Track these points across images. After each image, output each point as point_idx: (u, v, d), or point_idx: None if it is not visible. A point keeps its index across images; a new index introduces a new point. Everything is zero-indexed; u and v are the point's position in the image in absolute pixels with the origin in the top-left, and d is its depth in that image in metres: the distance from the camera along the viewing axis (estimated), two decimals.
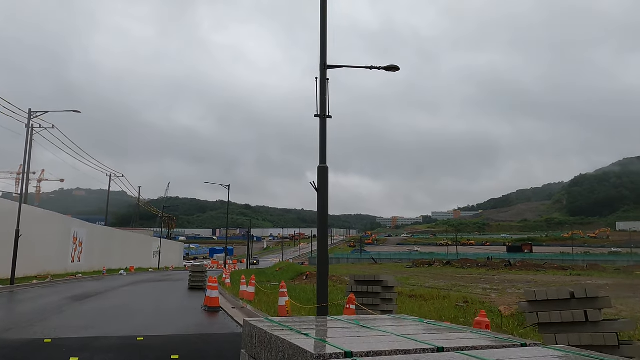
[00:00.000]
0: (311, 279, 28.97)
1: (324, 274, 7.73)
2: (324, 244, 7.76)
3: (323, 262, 7.73)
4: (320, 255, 7.73)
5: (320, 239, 7.75)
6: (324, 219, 7.82)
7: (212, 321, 11.32)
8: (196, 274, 23.51)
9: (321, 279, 7.73)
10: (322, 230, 7.79)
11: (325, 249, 7.80)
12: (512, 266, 39.80)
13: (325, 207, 7.89)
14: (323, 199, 7.83)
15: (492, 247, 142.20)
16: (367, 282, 9.71)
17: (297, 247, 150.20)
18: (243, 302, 14.64)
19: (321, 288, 7.68)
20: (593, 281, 23.26)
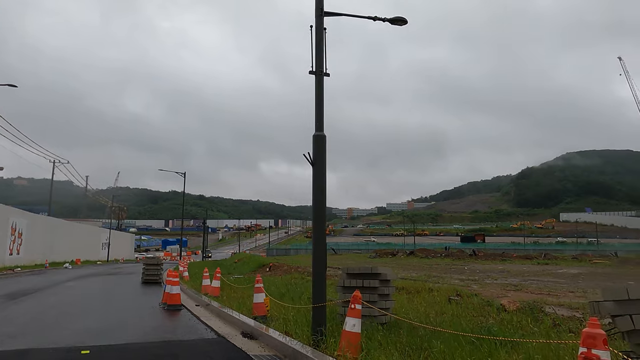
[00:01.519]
0: (275, 271, 27.41)
1: (320, 268, 6.25)
2: (320, 230, 6.27)
3: (319, 253, 6.25)
4: (317, 244, 6.25)
5: (317, 224, 6.26)
6: (320, 200, 6.32)
7: (175, 323, 9.61)
8: (151, 267, 21.45)
9: (318, 275, 6.25)
10: (319, 215, 6.30)
11: (323, 237, 6.32)
12: (476, 256, 39.84)
13: (322, 185, 6.39)
14: (320, 174, 6.33)
15: (446, 237, 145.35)
16: (363, 275, 8.32)
17: (253, 238, 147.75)
18: (207, 298, 12.94)
19: (318, 285, 6.22)
20: (564, 270, 23.08)
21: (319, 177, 6.47)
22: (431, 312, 9.58)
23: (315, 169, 6.46)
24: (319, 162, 6.46)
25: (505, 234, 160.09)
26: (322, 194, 6.45)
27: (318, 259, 6.41)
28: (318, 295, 6.33)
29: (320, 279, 6.41)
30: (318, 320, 6.29)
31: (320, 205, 6.44)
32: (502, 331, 6.44)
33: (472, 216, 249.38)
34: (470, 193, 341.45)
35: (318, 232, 6.45)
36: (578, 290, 14.55)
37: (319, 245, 6.42)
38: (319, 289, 6.36)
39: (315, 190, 6.47)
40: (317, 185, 6.46)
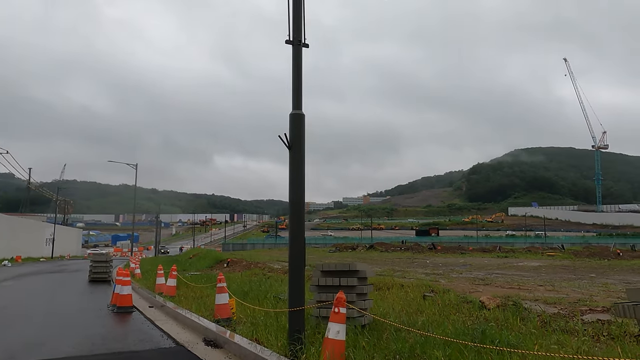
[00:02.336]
0: (233, 267, 26.32)
1: (298, 264, 5.44)
2: (298, 223, 5.45)
3: (297, 247, 5.44)
4: (295, 236, 5.43)
5: (295, 216, 5.44)
6: (299, 188, 5.48)
7: (126, 329, 8.52)
8: (99, 264, 19.91)
9: (295, 275, 5.42)
10: (297, 205, 5.47)
11: (301, 231, 5.50)
12: (436, 249, 40.11)
13: (301, 171, 5.56)
14: (298, 159, 5.50)
15: (401, 231, 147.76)
16: (340, 273, 7.56)
17: (208, 232, 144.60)
18: (162, 298, 11.83)
19: (295, 286, 5.41)
20: (524, 263, 23.32)
21: (298, 162, 5.62)
22: (408, 310, 8.97)
23: (293, 153, 5.62)
24: (298, 145, 5.62)
25: (457, 227, 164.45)
26: (301, 182, 5.62)
27: (296, 256, 5.58)
28: (296, 298, 5.50)
29: (298, 279, 5.59)
30: (296, 326, 5.47)
31: (299, 194, 5.61)
32: (498, 334, 5.85)
33: (426, 210, 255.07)
34: (424, 188, 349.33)
35: (296, 225, 5.61)
36: (546, 283, 14.43)
37: (297, 240, 5.59)
38: (297, 291, 5.53)
39: (292, 177, 5.62)
40: (295, 171, 5.61)
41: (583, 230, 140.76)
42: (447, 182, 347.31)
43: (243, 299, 9.92)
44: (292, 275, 5.62)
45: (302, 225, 5.63)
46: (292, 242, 5.64)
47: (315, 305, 7.54)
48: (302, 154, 5.67)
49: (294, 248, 5.61)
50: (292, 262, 5.62)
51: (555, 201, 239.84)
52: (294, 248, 5.62)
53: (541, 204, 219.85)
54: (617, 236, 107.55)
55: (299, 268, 5.61)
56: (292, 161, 5.64)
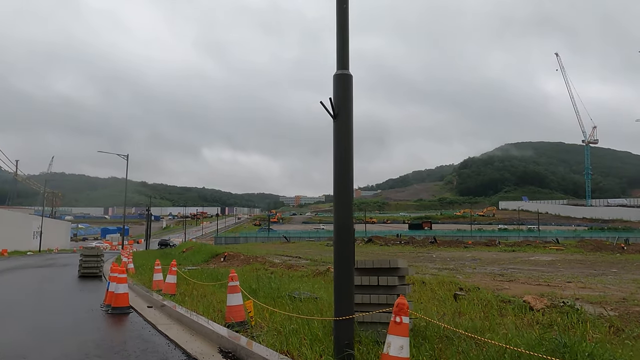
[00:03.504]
0: (231, 261, 25.17)
1: (346, 262, 4.33)
2: (346, 207, 4.35)
3: (345, 241, 4.33)
4: (342, 227, 4.33)
5: (341, 203, 4.34)
6: (345, 165, 4.38)
7: (124, 334, 7.38)
8: (90, 258, 18.67)
9: (343, 271, 4.33)
10: (344, 186, 4.36)
11: (349, 217, 4.40)
12: (437, 243, 39.29)
13: (349, 144, 4.45)
14: (345, 129, 4.39)
15: (394, 224, 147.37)
16: (378, 271, 6.46)
17: (199, 226, 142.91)
18: (161, 296, 10.69)
19: (344, 290, 4.31)
20: (536, 257, 22.47)
21: (345, 135, 4.50)
22: (445, 312, 7.94)
23: (339, 123, 4.50)
24: (345, 113, 4.49)
25: (449, 221, 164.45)
26: (349, 159, 4.50)
27: (343, 251, 4.48)
28: (344, 304, 4.41)
29: (346, 280, 4.48)
30: (344, 338, 4.39)
31: (346, 174, 4.50)
32: (583, 346, 4.79)
33: (417, 204, 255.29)
34: (415, 182, 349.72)
35: (343, 213, 4.50)
36: (573, 279, 13.51)
37: (344, 232, 4.48)
38: (345, 296, 4.43)
39: (339, 154, 4.50)
40: (341, 146, 4.50)
41: (574, 224, 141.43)
42: (438, 176, 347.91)
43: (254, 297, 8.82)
44: (338, 276, 4.51)
45: (350, 213, 4.53)
46: (338, 235, 4.53)
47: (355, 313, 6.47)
48: (350, 124, 4.55)
49: (341, 242, 4.50)
50: (339, 260, 4.51)
51: (545, 195, 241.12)
52: (340, 242, 4.51)
53: (531, 198, 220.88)
54: (608, 230, 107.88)
55: (346, 267, 4.50)
56: (338, 133, 4.53)
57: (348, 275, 4.51)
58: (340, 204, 4.52)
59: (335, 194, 4.55)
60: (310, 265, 20.23)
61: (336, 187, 4.55)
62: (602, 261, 19.71)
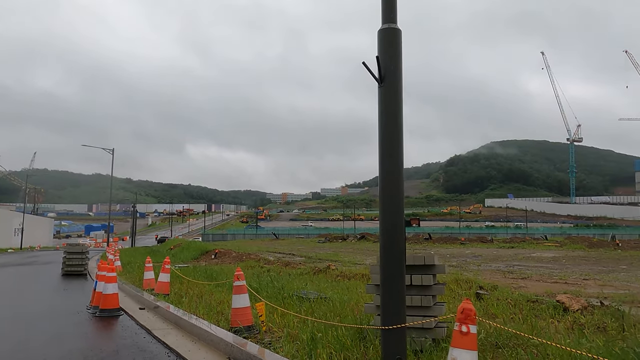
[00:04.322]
0: (222, 258, 24.24)
1: (396, 263, 3.52)
2: (394, 197, 3.53)
3: (394, 238, 3.51)
4: (390, 221, 3.53)
5: (390, 186, 3.54)
6: (394, 144, 3.57)
7: (116, 341, 6.47)
8: (74, 256, 17.62)
9: (391, 273, 3.52)
10: (393, 170, 3.57)
11: (399, 208, 3.58)
12: (431, 239, 38.78)
13: (398, 116, 3.65)
14: (394, 98, 3.57)
15: None
16: (411, 268, 5.67)
17: (186, 223, 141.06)
18: (153, 296, 9.78)
19: (392, 291, 3.51)
20: (538, 253, 21.97)
21: (394, 104, 3.68)
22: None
23: (386, 90, 3.68)
24: (393, 76, 3.67)
25: (436, 218, 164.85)
26: (397, 135, 3.68)
27: (392, 249, 3.67)
28: (393, 311, 3.60)
29: (396, 284, 3.68)
30: (395, 352, 3.57)
31: (395, 154, 3.68)
32: None
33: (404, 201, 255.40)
34: None
35: (392, 203, 3.69)
36: (590, 277, 12.90)
37: (394, 227, 3.68)
38: (395, 301, 3.63)
39: (387, 130, 3.68)
40: (389, 119, 3.67)
41: (559, 221, 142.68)
42: (425, 174, 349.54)
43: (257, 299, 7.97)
44: (386, 279, 3.70)
45: (401, 204, 3.72)
46: (385, 230, 3.73)
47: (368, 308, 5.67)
48: (399, 90, 3.73)
49: (389, 237, 3.70)
50: (387, 259, 3.71)
51: (530, 193, 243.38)
52: (389, 237, 3.71)
53: (516, 196, 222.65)
54: (594, 227, 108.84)
55: (397, 268, 3.69)
56: (385, 101, 3.71)
57: (397, 279, 3.69)
58: (389, 192, 3.71)
59: (382, 180, 3.74)
60: (307, 262, 19.43)
61: (383, 172, 3.74)
62: (607, 258, 19.26)
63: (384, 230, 3.73)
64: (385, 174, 3.69)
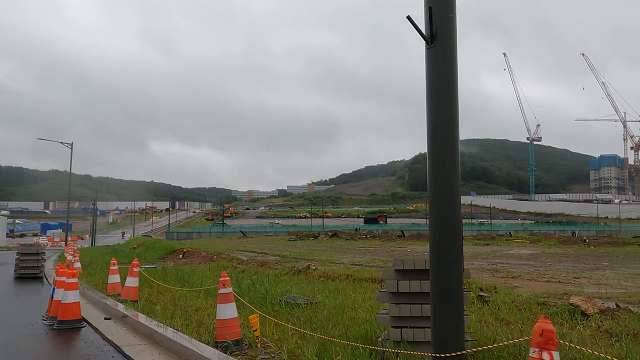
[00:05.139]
0: (191, 258, 23.04)
1: (452, 273, 2.73)
2: (448, 192, 2.70)
3: (450, 240, 2.70)
4: (443, 224, 2.70)
5: (440, 173, 2.69)
6: (448, 118, 2.71)
7: None
8: (28, 257, 16.13)
9: (446, 285, 2.73)
10: (447, 150, 2.72)
11: (456, 204, 2.77)
12: (404, 237, 38.53)
13: (452, 78, 2.80)
14: (447, 60, 2.73)
15: (348, 219, 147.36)
16: (428, 272, 4.90)
17: (149, 220, 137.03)
18: (120, 303, 8.71)
19: (448, 308, 2.69)
20: (516, 250, 21.84)
21: (446, 71, 2.88)
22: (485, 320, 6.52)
23: (436, 51, 2.87)
24: (445, 36, 2.87)
25: (402, 215, 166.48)
26: (451, 114, 2.89)
27: (445, 256, 2.88)
28: (450, 332, 2.81)
29: (452, 298, 2.89)
30: None
31: (449, 131, 2.88)
32: None
33: (370, 199, 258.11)
34: (367, 177, 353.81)
35: (443, 203, 2.90)
36: (575, 274, 12.58)
37: (448, 223, 2.88)
38: (452, 321, 2.84)
39: (436, 103, 2.88)
40: (441, 88, 2.87)
41: (520, 218, 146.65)
42: (390, 172, 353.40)
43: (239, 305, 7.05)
44: (439, 295, 2.92)
45: (457, 200, 2.94)
46: (437, 232, 2.94)
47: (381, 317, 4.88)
48: (454, 53, 2.93)
49: (442, 238, 2.91)
50: (439, 270, 2.92)
51: (491, 190, 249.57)
52: (440, 238, 2.92)
53: (479, 193, 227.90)
54: (553, 223, 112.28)
55: (453, 281, 2.91)
56: (435, 68, 2.91)
57: (455, 293, 2.91)
58: (439, 185, 2.91)
59: (432, 172, 2.94)
60: (282, 261, 18.55)
61: (434, 163, 2.94)
62: (585, 255, 19.25)
63: (435, 232, 2.94)
64: (436, 164, 2.89)
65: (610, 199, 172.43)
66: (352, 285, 10.37)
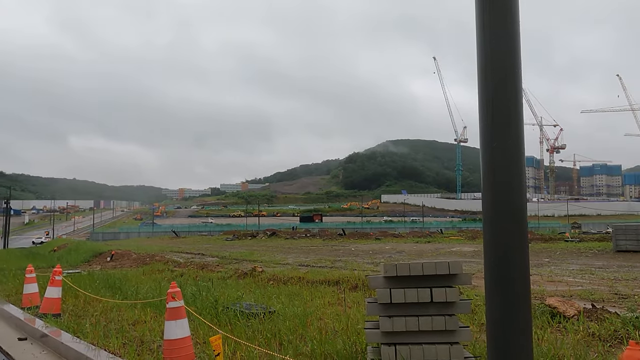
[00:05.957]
0: (120, 261, 21.20)
1: (518, 275, 1.96)
2: (513, 171, 1.93)
3: (516, 252, 1.95)
4: (501, 209, 1.94)
5: (501, 154, 1.90)
6: (510, 86, 1.99)
7: None
8: None
9: (510, 295, 1.95)
10: (509, 117, 1.95)
11: (521, 207, 2.02)
12: (345, 235, 38.24)
13: (515, 32, 2.05)
14: (509, 20, 1.97)
15: (284, 217, 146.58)
16: (424, 280, 4.24)
17: (70, 220, 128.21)
18: (39, 318, 7.33)
19: (518, 321, 1.93)
20: (458, 247, 22.04)
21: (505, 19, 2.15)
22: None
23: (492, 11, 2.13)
24: None
25: (337, 214, 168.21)
26: (514, 79, 2.16)
27: (508, 267, 2.14)
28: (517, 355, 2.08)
29: (519, 314, 2.16)
30: None
31: (513, 116, 2.16)
32: None
33: (305, 197, 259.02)
34: (302, 175, 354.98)
35: (504, 199, 2.18)
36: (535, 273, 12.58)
37: (514, 237, 2.16)
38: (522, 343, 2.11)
39: (491, 66, 2.14)
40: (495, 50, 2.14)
41: (449, 216, 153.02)
42: (325, 170, 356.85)
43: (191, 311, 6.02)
44: (500, 320, 2.18)
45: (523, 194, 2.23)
46: (492, 221, 2.21)
47: (369, 334, 4.12)
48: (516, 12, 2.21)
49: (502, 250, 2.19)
50: (501, 286, 2.18)
51: (421, 189, 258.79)
52: (495, 241, 2.19)
53: (410, 192, 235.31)
54: (479, 221, 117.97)
55: (521, 298, 2.18)
56: (490, 16, 2.17)
57: (522, 304, 2.19)
58: (500, 159, 2.18)
59: (485, 158, 2.20)
60: (223, 263, 17.38)
61: (487, 148, 2.20)
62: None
63: (490, 231, 2.21)
64: (491, 149, 2.16)
65: (529, 198, 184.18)
66: (308, 289, 9.58)
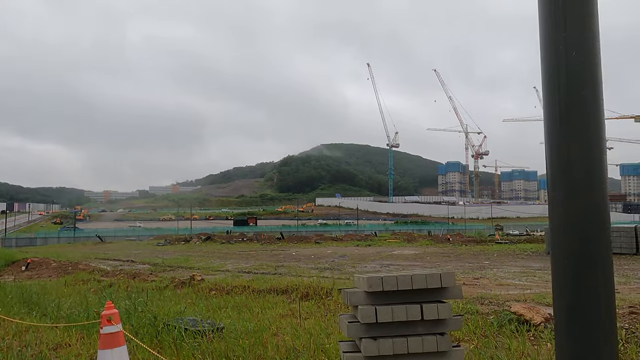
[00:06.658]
0: (38, 270, 19.18)
1: (606, 290, 1.47)
2: (596, 169, 1.43)
3: (599, 267, 1.43)
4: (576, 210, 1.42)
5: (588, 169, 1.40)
6: (591, 62, 1.48)
7: None
8: None
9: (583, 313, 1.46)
10: (593, 108, 1.44)
11: (604, 210, 1.49)
12: (284, 239, 37.42)
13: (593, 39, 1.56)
14: None
15: (217, 221, 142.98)
16: (411, 295, 3.71)
17: None
18: None
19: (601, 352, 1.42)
20: (399, 251, 22.01)
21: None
22: None
23: None
24: None
25: (272, 217, 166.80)
26: (593, 57, 1.66)
27: (587, 281, 1.61)
28: None
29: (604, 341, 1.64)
30: None
31: (595, 97, 1.65)
32: None
33: (239, 200, 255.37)
34: (236, 178, 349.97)
35: (583, 200, 1.65)
36: (476, 274, 12.60)
37: (596, 242, 1.63)
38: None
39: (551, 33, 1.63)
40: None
41: (381, 219, 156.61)
42: (259, 173, 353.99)
43: (134, 337, 5.13)
44: (580, 335, 1.66)
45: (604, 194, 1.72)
46: (563, 229, 1.68)
47: None
48: None
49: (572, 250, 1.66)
50: (563, 303, 1.66)
51: (355, 192, 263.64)
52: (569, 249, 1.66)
53: (343, 195, 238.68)
54: (410, 223, 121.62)
55: (607, 324, 1.67)
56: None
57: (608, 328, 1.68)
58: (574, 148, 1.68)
59: (552, 153, 1.69)
60: (156, 271, 16.11)
61: (552, 140, 1.69)
62: (463, 253, 20.06)
63: (560, 239, 1.69)
64: (561, 139, 1.65)
65: (455, 201, 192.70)
66: (255, 299, 8.84)
